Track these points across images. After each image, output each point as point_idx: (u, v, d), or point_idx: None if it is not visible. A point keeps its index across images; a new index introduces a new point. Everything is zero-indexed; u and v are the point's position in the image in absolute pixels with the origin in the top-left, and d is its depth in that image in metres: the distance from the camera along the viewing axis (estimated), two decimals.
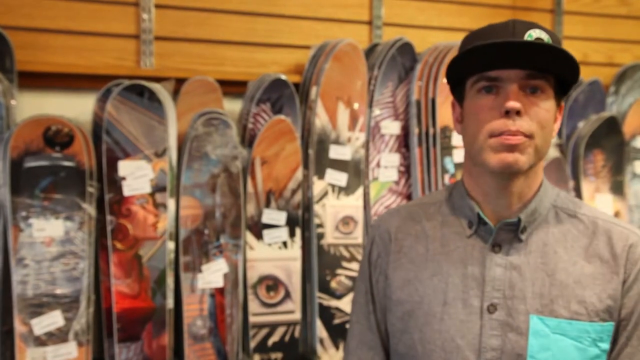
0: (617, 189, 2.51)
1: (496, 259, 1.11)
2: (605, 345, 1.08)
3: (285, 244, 2.05)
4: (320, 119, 2.11)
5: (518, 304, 1.08)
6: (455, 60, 1.08)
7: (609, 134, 2.48)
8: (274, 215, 2.04)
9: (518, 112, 1.04)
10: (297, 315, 2.06)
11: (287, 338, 2.04)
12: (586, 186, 2.47)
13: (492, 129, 1.05)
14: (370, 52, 2.26)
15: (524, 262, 1.10)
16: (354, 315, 1.26)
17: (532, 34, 1.05)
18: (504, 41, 1.03)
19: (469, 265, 1.12)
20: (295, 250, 2.07)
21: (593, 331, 1.07)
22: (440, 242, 1.16)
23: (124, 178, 1.86)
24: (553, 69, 1.06)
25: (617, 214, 2.48)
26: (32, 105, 1.91)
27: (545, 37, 1.06)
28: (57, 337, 1.77)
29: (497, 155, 1.05)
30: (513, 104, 1.03)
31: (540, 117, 1.06)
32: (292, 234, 2.06)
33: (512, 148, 1.04)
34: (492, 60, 1.05)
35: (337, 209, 2.13)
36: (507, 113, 1.04)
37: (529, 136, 1.05)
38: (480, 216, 1.12)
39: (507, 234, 1.12)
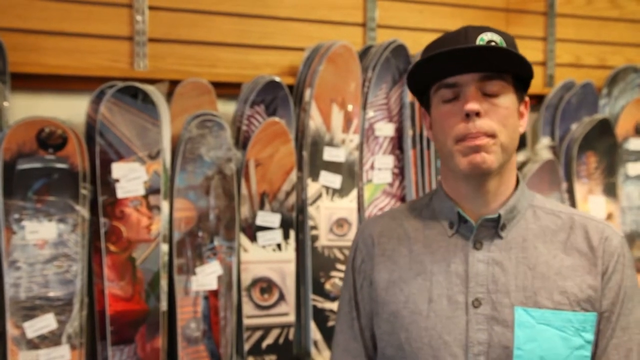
0: (610, 190, 2.52)
1: (478, 256, 1.13)
2: (589, 336, 1.10)
3: (279, 246, 2.05)
4: (314, 120, 2.11)
5: (502, 298, 1.10)
6: (412, 72, 1.13)
7: (602, 136, 2.49)
8: (268, 218, 2.04)
9: (477, 114, 1.08)
10: (291, 318, 2.06)
11: (281, 340, 2.04)
12: (579, 188, 2.48)
13: (456, 134, 1.10)
14: (364, 54, 2.26)
15: (505, 258, 1.13)
16: (338, 324, 1.28)
17: (484, 38, 1.09)
18: (454, 48, 1.07)
19: (452, 263, 1.14)
20: (289, 252, 2.06)
21: (576, 320, 1.09)
22: (423, 243, 1.18)
23: (117, 180, 1.85)
24: (506, 69, 1.10)
25: (609, 216, 2.49)
26: (25, 107, 1.90)
27: (497, 38, 1.10)
28: (50, 340, 1.76)
29: (466, 159, 1.09)
30: (471, 106, 1.07)
31: (501, 115, 1.10)
32: (286, 236, 2.06)
33: (477, 149, 1.08)
34: (447, 68, 1.10)
35: (331, 211, 2.13)
36: (467, 116, 1.08)
37: (492, 135, 1.09)
38: (461, 214, 1.15)
39: (488, 230, 1.14)
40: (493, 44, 1.09)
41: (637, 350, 1.12)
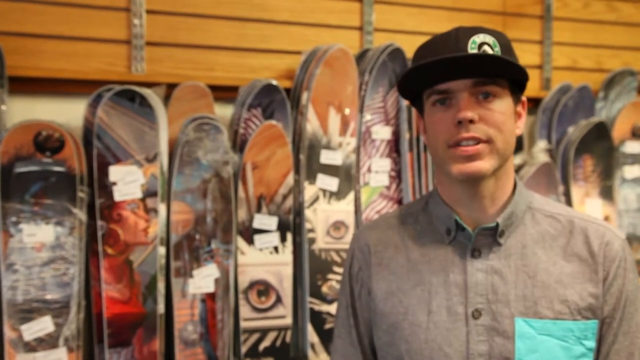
0: (607, 193, 2.53)
1: (477, 264, 1.11)
2: (591, 344, 1.09)
3: (276, 249, 2.05)
4: (311, 124, 2.11)
5: (502, 308, 1.09)
6: (403, 78, 1.10)
7: (598, 139, 2.50)
8: (265, 220, 2.04)
9: (471, 121, 1.05)
10: (288, 320, 2.06)
11: (278, 343, 2.04)
12: (576, 191, 2.48)
13: (448, 139, 1.07)
14: (361, 57, 2.27)
15: (504, 266, 1.11)
16: (336, 329, 1.27)
17: (476, 40, 1.07)
18: (444, 58, 1.04)
19: (450, 272, 1.12)
20: (286, 255, 2.07)
21: (577, 329, 1.08)
22: (420, 252, 1.16)
23: (114, 183, 1.86)
24: (499, 74, 1.08)
25: (606, 219, 2.50)
26: (23, 111, 1.91)
27: (490, 40, 1.07)
28: (47, 342, 1.76)
29: (459, 166, 1.07)
30: (464, 114, 1.05)
31: (496, 120, 1.07)
32: (283, 239, 2.06)
33: (471, 158, 1.06)
34: (439, 75, 1.07)
35: (328, 214, 2.13)
36: (460, 123, 1.06)
37: (487, 141, 1.06)
38: (458, 222, 1.13)
39: (486, 238, 1.12)
40: (486, 46, 1.06)
41: (638, 355, 1.10)
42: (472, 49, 1.06)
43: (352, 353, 1.23)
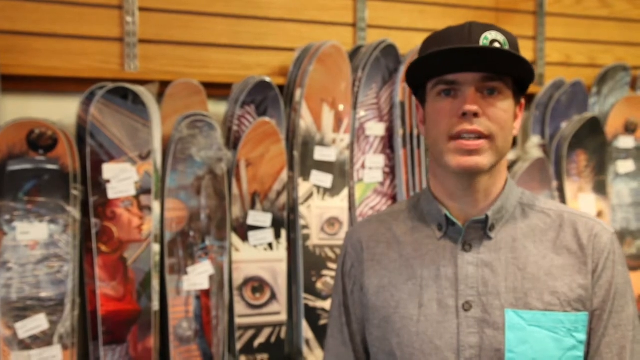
0: (600, 188, 2.53)
1: (467, 258, 1.12)
2: (581, 336, 1.09)
3: (270, 245, 2.06)
4: (305, 120, 2.12)
5: (493, 300, 1.09)
6: (413, 65, 1.10)
7: (592, 134, 2.50)
8: (260, 217, 2.05)
9: (476, 114, 1.06)
10: (283, 317, 2.06)
11: (273, 339, 2.05)
12: (569, 186, 2.49)
13: (450, 131, 1.08)
14: (354, 54, 2.27)
15: (495, 259, 1.12)
16: (329, 329, 1.28)
17: (488, 37, 1.08)
18: (460, 47, 1.05)
19: (441, 266, 1.13)
20: (280, 251, 2.07)
21: (567, 321, 1.08)
22: (412, 247, 1.17)
23: (108, 181, 1.86)
24: (508, 71, 1.09)
25: (600, 214, 2.51)
26: (16, 109, 1.91)
27: (501, 38, 1.08)
28: (42, 340, 1.76)
29: (458, 158, 1.08)
30: (470, 107, 1.06)
31: (499, 117, 1.08)
32: (277, 236, 2.07)
33: (471, 152, 1.07)
34: (449, 65, 1.07)
35: (322, 210, 2.14)
36: (465, 115, 1.06)
37: (488, 136, 1.07)
38: (448, 217, 1.14)
39: (477, 232, 1.13)
40: (497, 43, 1.07)
41: (630, 348, 1.11)
42: (483, 44, 1.07)
43: (343, 352, 1.23)
